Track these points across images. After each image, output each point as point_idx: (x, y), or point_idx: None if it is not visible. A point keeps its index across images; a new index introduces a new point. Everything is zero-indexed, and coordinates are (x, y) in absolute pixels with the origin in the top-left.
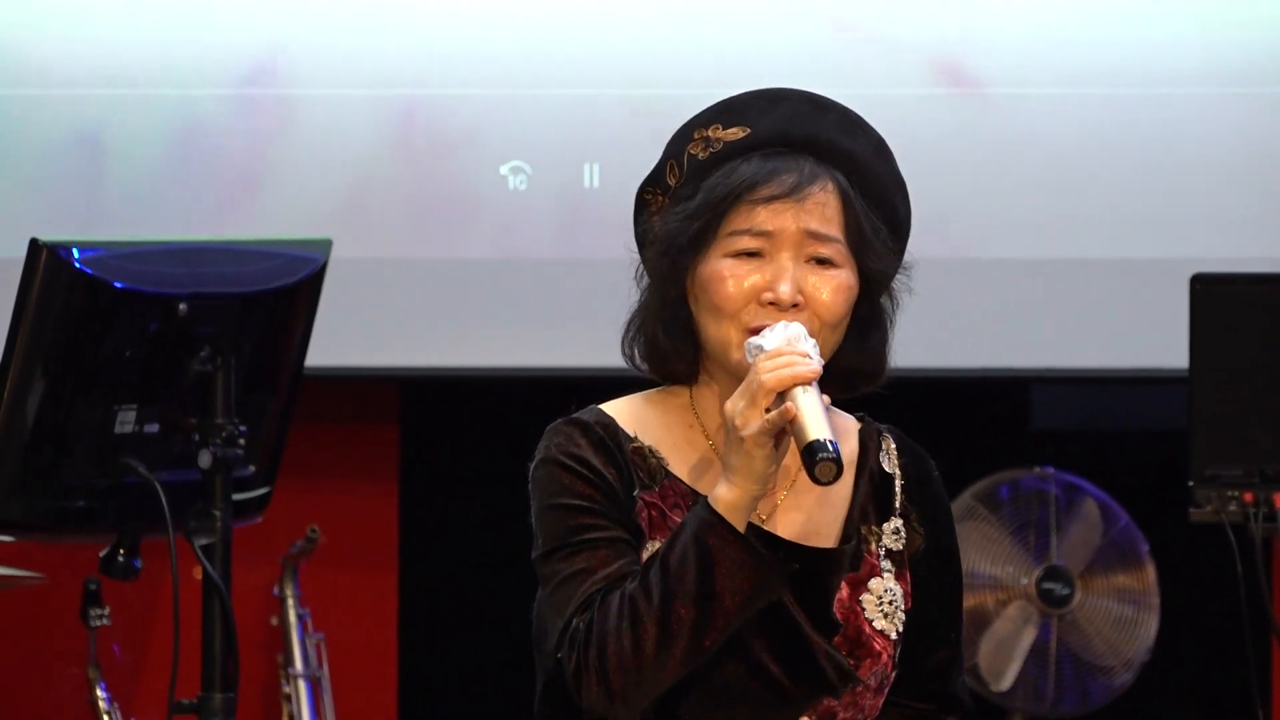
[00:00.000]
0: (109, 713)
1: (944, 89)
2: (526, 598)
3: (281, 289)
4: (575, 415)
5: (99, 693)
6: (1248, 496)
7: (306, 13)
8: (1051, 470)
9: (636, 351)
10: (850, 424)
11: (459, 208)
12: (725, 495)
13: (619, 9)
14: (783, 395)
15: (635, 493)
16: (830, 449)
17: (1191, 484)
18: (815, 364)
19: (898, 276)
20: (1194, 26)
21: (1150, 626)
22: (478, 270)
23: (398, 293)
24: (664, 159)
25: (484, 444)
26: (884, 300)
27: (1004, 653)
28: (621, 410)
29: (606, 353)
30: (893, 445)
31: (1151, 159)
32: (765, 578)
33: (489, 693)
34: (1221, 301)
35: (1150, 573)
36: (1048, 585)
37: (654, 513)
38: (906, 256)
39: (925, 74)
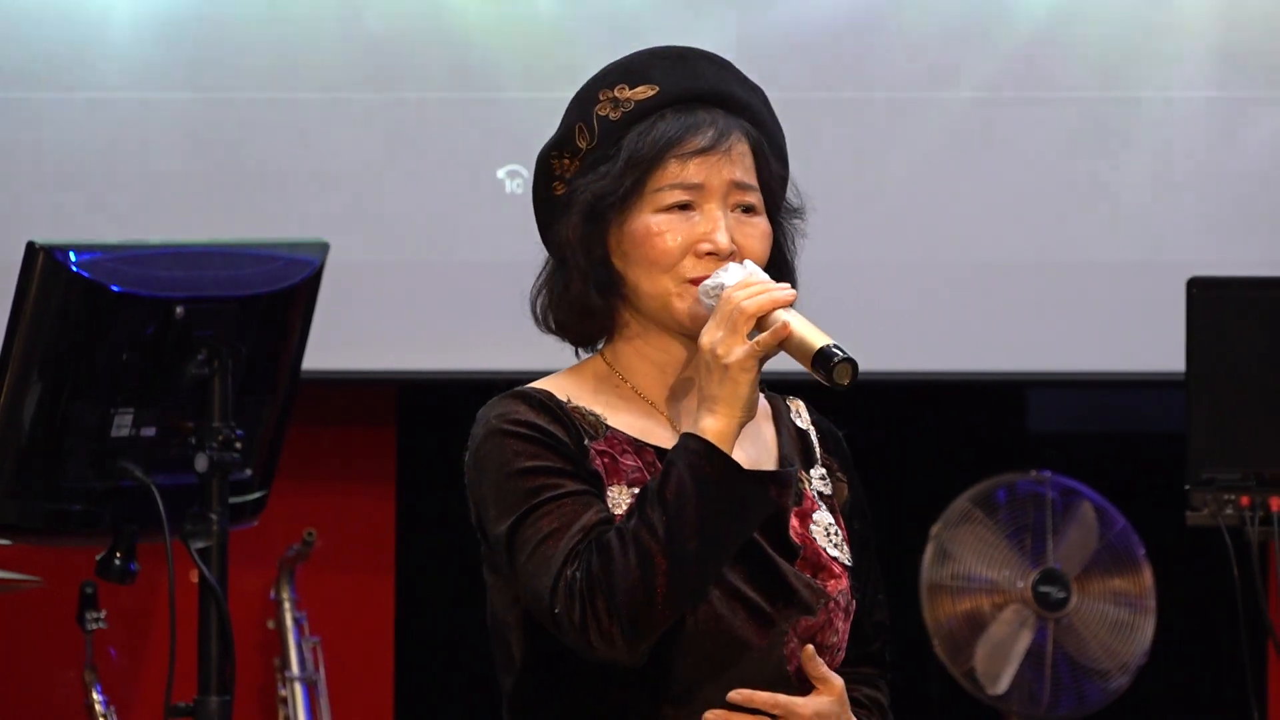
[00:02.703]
0: (105, 716)
1: (939, 93)
2: None
3: (278, 292)
4: (508, 390)
5: (95, 696)
6: (1244, 500)
7: (305, 16)
8: (1048, 474)
9: (551, 316)
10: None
11: (456, 211)
12: (713, 426)
13: (616, 12)
14: (760, 323)
15: (586, 443)
16: (842, 351)
17: (1188, 487)
18: (790, 289)
19: (794, 221)
20: (1195, 31)
21: (1146, 630)
22: (475, 273)
23: (395, 296)
24: (569, 122)
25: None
26: (787, 247)
27: (1000, 656)
28: (548, 383)
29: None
30: (801, 406)
31: (1148, 162)
32: (759, 499)
33: (485, 696)
34: (1218, 305)
35: (1146, 576)
36: (1044, 589)
37: (606, 460)
38: (798, 201)
39: (922, 77)
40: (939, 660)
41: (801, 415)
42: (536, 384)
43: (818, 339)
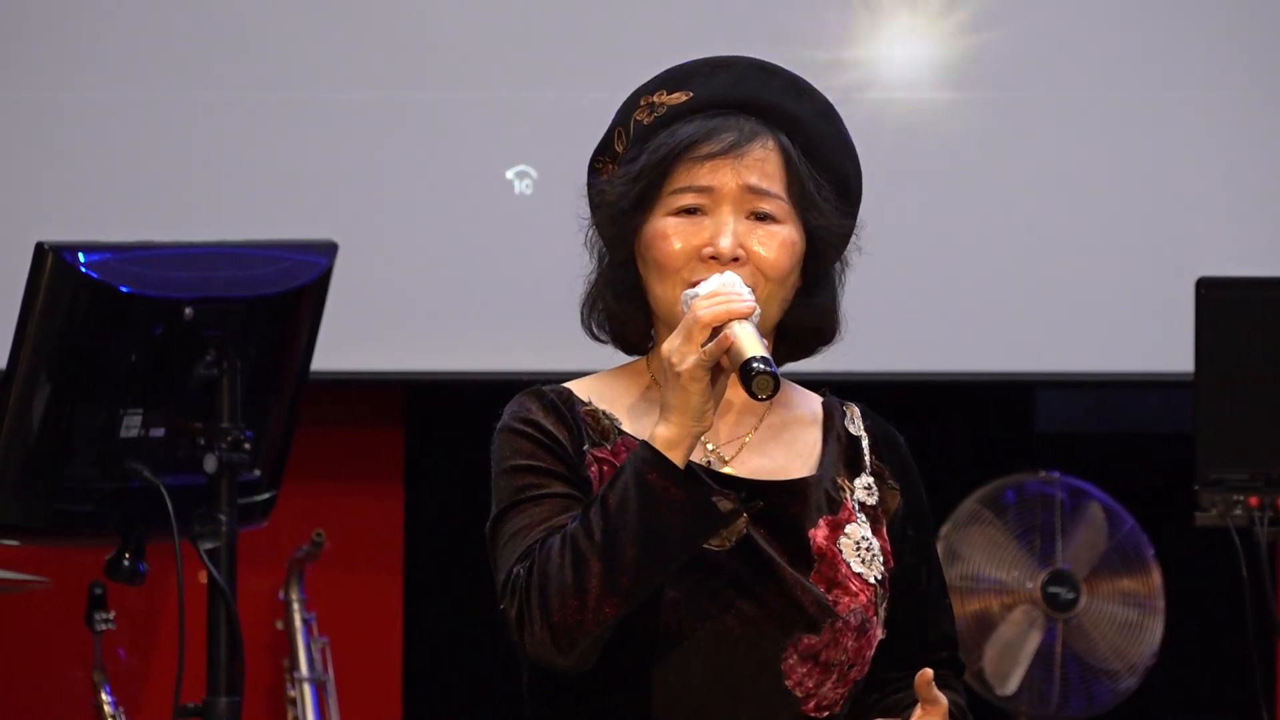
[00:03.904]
0: (114, 717)
1: (946, 93)
2: None
3: (287, 293)
4: (531, 387)
5: (104, 697)
6: (1253, 500)
7: (312, 14)
8: (1057, 474)
9: (594, 321)
10: (813, 396)
11: (465, 212)
12: (663, 433)
13: (625, 12)
14: (718, 332)
15: (585, 448)
16: (765, 365)
17: (1197, 487)
18: (749, 301)
19: (840, 234)
20: (1204, 30)
21: (1155, 630)
22: (483, 274)
23: (403, 296)
24: (612, 127)
25: (489, 448)
26: (833, 261)
27: (1009, 657)
28: (580, 383)
29: (612, 357)
30: (857, 411)
31: (1157, 162)
32: (706, 514)
33: (493, 697)
34: (1227, 305)
35: (1155, 576)
36: (1053, 589)
37: (605, 468)
38: (855, 216)
39: (929, 77)
40: None
41: (855, 421)
42: (570, 382)
43: (749, 350)
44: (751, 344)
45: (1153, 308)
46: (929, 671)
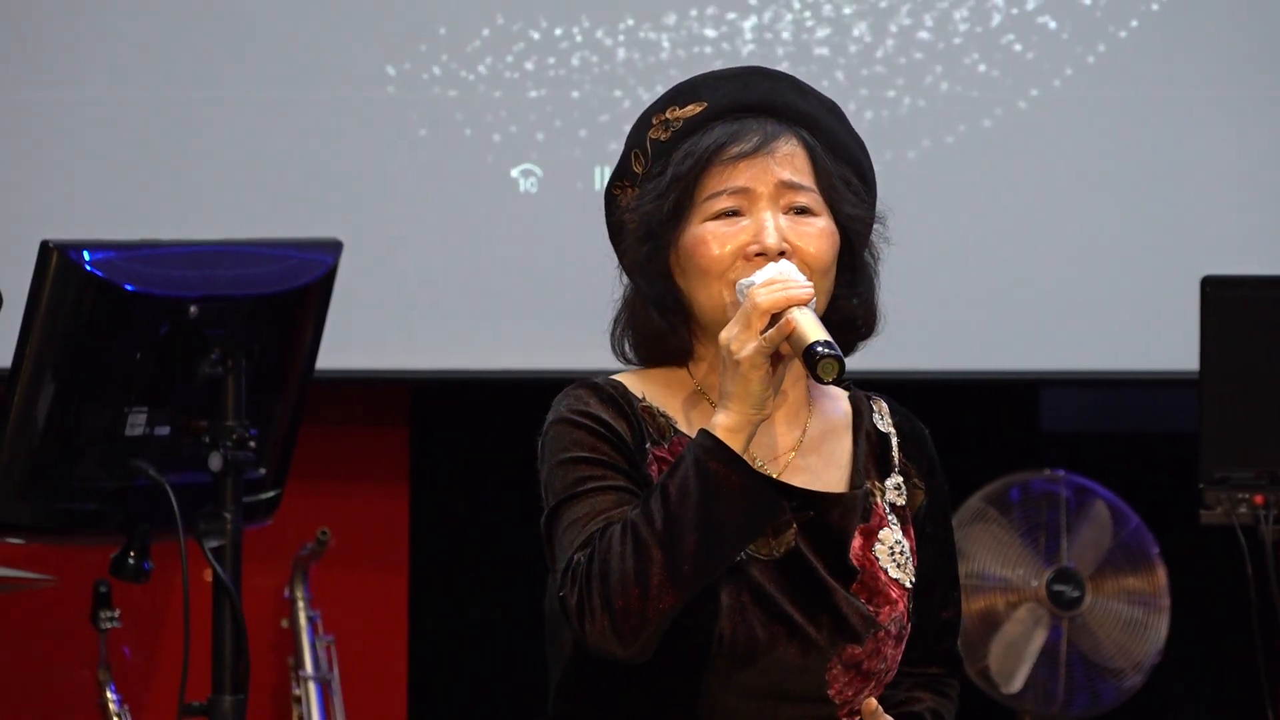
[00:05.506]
0: (119, 715)
1: (951, 91)
2: (537, 599)
3: (292, 291)
4: (585, 379)
5: (109, 695)
6: (1258, 498)
7: (315, 13)
8: (1062, 472)
9: (627, 344)
10: (839, 391)
11: (470, 210)
12: (723, 421)
13: (630, 11)
14: (777, 319)
15: (646, 446)
16: (830, 348)
17: (1202, 486)
18: (808, 287)
19: (875, 227)
20: (1209, 29)
21: (1160, 628)
22: (488, 273)
23: (408, 295)
24: (626, 151)
25: (494, 446)
26: (865, 252)
27: (1014, 655)
28: (628, 378)
29: (614, 358)
30: (885, 406)
31: (1161, 161)
32: (764, 501)
33: (499, 695)
34: (1232, 303)
35: (1160, 575)
36: (1058, 587)
37: (664, 467)
38: (880, 208)
39: (934, 77)
40: None
41: (884, 417)
42: (617, 375)
43: (812, 335)
44: (814, 328)
45: (1157, 306)
46: (873, 701)
